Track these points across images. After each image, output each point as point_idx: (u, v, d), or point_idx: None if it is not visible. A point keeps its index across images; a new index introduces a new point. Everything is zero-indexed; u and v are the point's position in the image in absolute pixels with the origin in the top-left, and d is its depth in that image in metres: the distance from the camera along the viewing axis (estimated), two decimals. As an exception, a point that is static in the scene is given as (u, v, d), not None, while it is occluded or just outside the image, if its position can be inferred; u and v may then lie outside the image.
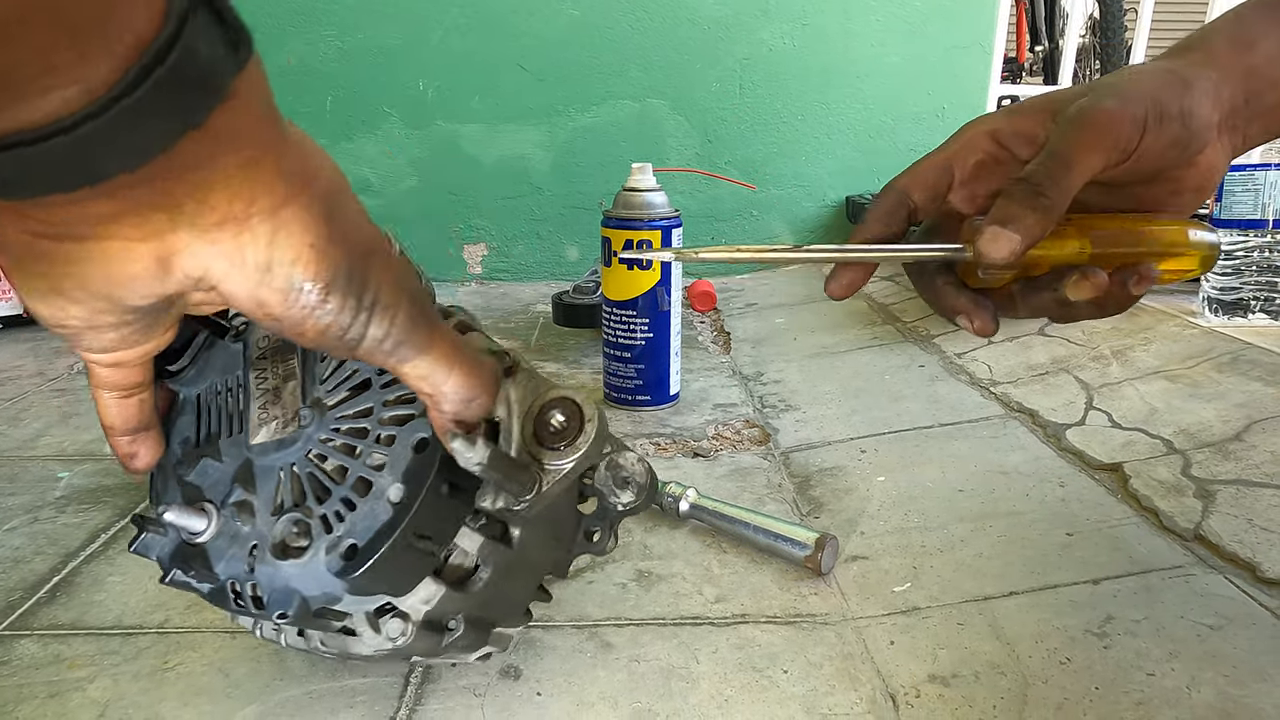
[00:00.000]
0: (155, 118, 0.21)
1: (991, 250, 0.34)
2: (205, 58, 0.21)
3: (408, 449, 0.35)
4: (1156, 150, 0.36)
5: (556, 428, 0.38)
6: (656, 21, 1.50)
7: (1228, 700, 0.42)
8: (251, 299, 0.26)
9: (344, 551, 0.34)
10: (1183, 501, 0.60)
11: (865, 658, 0.46)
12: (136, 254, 0.24)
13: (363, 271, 0.27)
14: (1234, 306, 0.87)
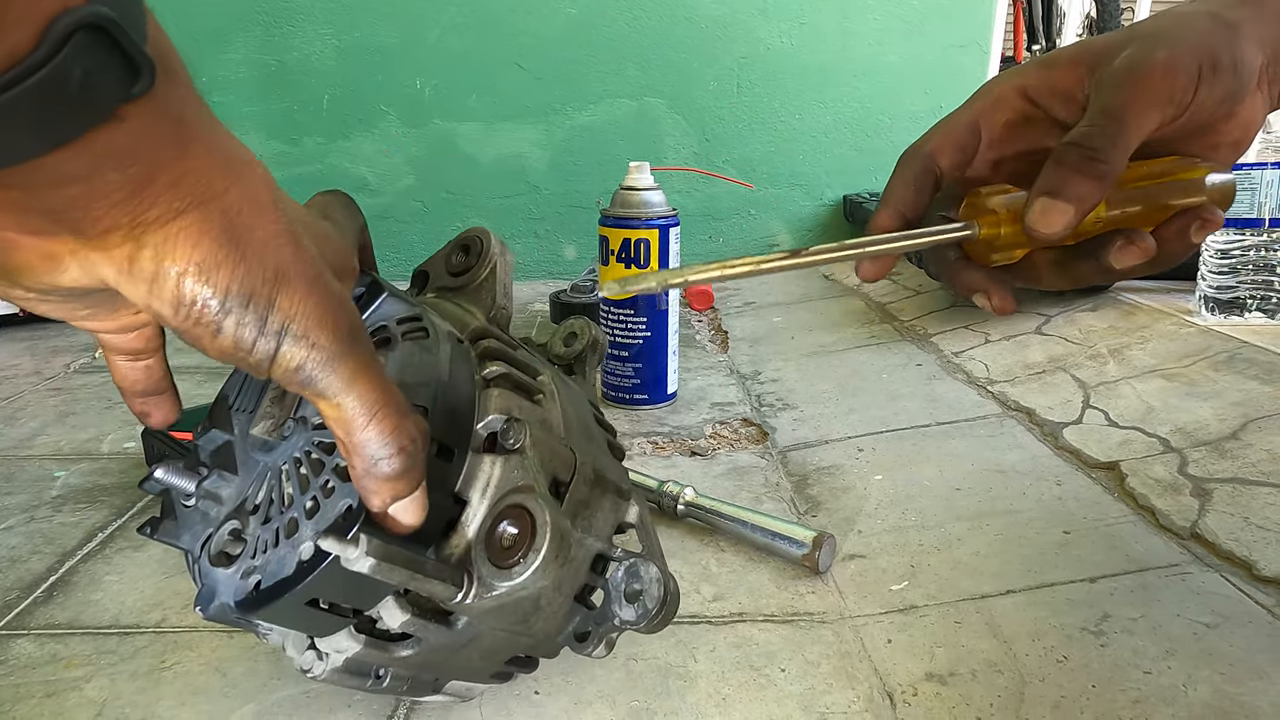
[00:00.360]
0: (15, 131, 0.21)
1: (1043, 224, 0.32)
2: (79, 82, 0.21)
3: (333, 511, 0.32)
4: (1210, 105, 0.33)
5: (505, 543, 0.34)
6: (654, 20, 1.50)
7: (1224, 698, 0.42)
8: (145, 305, 0.25)
9: (251, 586, 0.33)
10: (1179, 500, 0.60)
11: (863, 656, 0.46)
12: (20, 246, 0.24)
13: (269, 295, 0.26)
14: (1230, 305, 0.87)
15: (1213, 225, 0.35)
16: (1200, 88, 0.32)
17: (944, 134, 0.37)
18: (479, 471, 0.33)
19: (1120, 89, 0.32)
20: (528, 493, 0.34)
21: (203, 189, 0.25)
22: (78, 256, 0.25)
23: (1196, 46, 0.32)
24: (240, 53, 1.49)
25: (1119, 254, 0.34)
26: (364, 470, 0.29)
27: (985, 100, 0.37)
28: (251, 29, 1.48)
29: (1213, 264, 0.88)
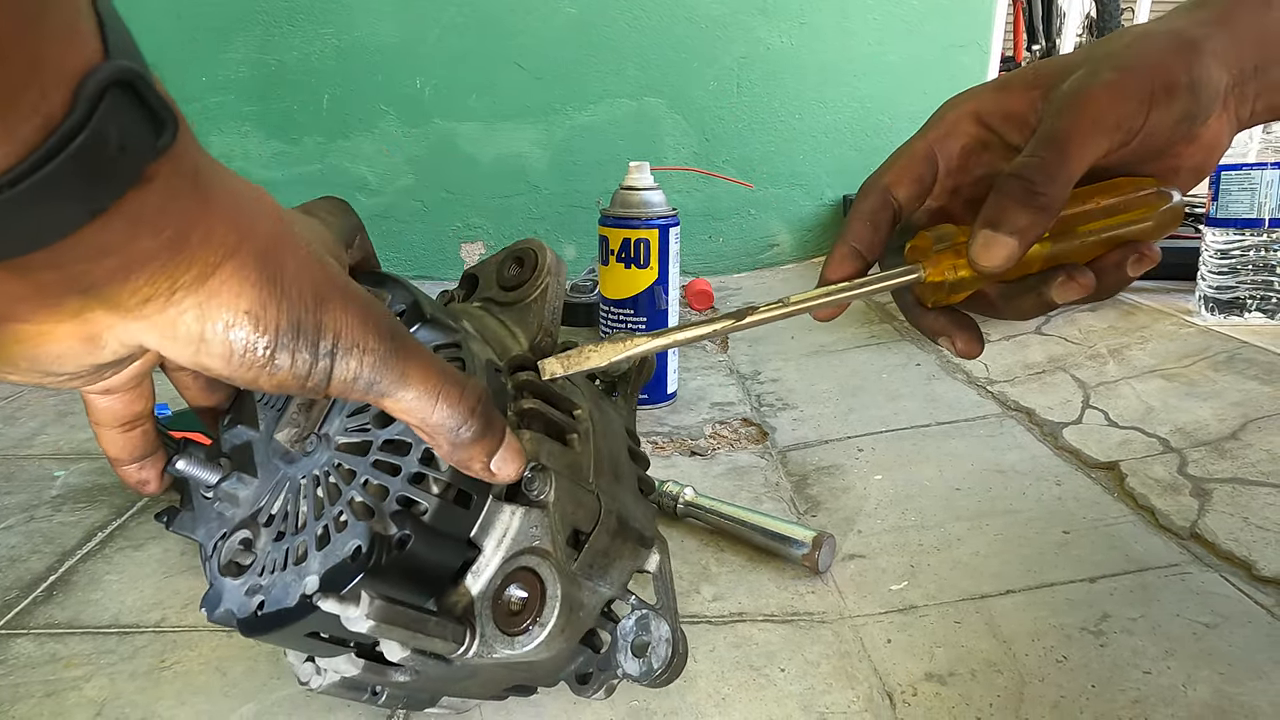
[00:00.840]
0: (56, 202, 0.20)
1: (984, 258, 0.31)
2: (116, 144, 0.20)
3: (342, 548, 0.31)
4: (1164, 128, 0.32)
5: (513, 608, 0.33)
6: (654, 20, 1.50)
7: (1223, 698, 0.42)
8: (193, 364, 0.25)
9: (254, 606, 0.33)
10: (1179, 500, 0.60)
11: (862, 656, 0.46)
12: (57, 336, 0.23)
13: (315, 319, 0.26)
14: (1230, 305, 0.87)
15: (1149, 261, 0.34)
16: (1152, 112, 0.31)
17: (901, 166, 0.36)
18: (497, 520, 0.33)
19: (1063, 115, 0.31)
20: (543, 558, 0.33)
21: (233, 236, 0.24)
22: (116, 331, 0.24)
23: (1151, 67, 0.31)
24: (240, 52, 1.49)
25: (1060, 289, 0.33)
26: (450, 447, 0.30)
27: (940, 128, 0.36)
28: (251, 29, 1.48)
29: (1213, 264, 0.88)
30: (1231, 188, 0.86)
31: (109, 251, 0.21)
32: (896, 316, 1.15)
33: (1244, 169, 0.85)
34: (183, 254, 0.23)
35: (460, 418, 0.29)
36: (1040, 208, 0.31)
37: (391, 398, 0.28)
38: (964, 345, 0.36)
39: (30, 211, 0.19)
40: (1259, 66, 0.33)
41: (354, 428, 0.34)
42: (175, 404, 0.72)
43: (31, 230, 0.20)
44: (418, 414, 0.29)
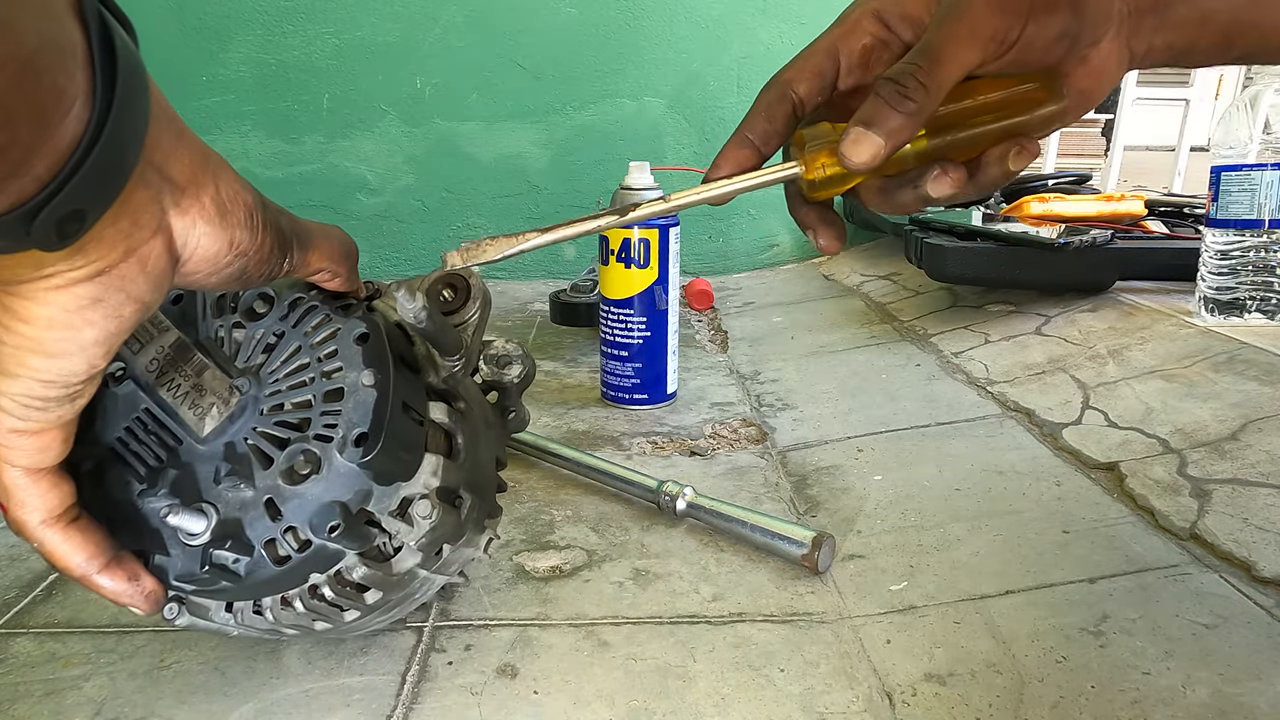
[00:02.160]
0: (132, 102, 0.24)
1: (853, 153, 0.32)
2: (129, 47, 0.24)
3: (352, 346, 0.38)
4: (1041, 43, 0.32)
5: (448, 299, 0.45)
6: (654, 20, 1.50)
7: (1223, 699, 0.42)
8: (227, 243, 0.30)
9: (354, 440, 0.37)
10: (1179, 500, 0.60)
11: (862, 656, 0.46)
12: (160, 250, 0.28)
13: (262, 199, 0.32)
14: (1230, 306, 0.87)
15: (1029, 155, 0.34)
16: (1029, 25, 0.32)
17: (802, 62, 0.37)
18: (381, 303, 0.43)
19: (942, 25, 0.32)
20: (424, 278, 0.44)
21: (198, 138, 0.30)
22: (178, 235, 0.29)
23: None
24: (241, 52, 1.49)
25: (934, 183, 0.34)
26: (349, 268, 0.39)
27: (843, 26, 0.37)
28: (252, 28, 1.48)
29: (1212, 265, 0.88)
30: (1231, 188, 0.86)
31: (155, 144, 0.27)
32: (896, 317, 1.15)
33: (1244, 170, 0.85)
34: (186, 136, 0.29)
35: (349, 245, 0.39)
36: (910, 112, 0.32)
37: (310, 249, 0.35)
38: (825, 241, 0.38)
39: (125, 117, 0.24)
40: (1158, 2, 0.33)
41: (250, 350, 0.40)
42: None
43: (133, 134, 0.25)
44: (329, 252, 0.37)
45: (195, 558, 0.37)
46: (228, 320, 0.40)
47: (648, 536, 0.60)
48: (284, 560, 0.37)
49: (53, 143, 0.23)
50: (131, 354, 0.39)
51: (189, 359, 0.39)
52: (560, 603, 0.52)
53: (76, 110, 0.23)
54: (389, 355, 0.39)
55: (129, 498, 0.38)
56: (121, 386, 0.39)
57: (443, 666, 0.46)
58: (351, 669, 0.46)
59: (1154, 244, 1.04)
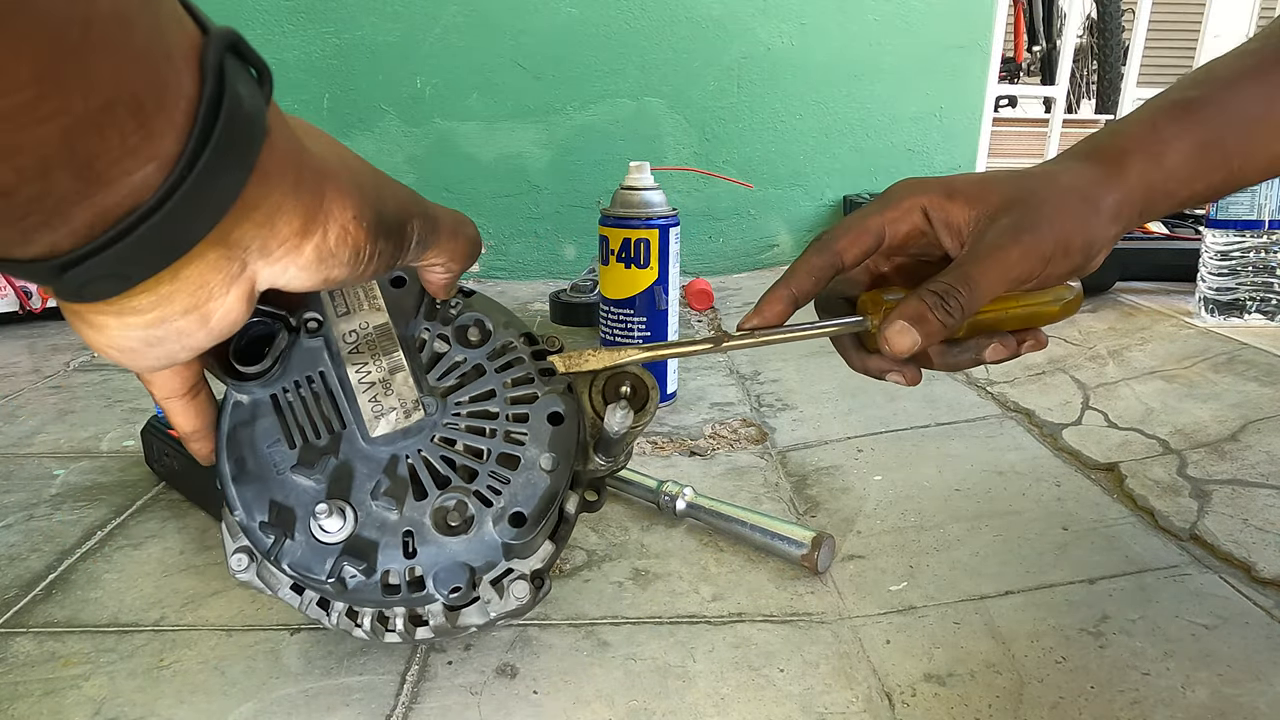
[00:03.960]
0: (225, 171, 0.21)
1: (896, 342, 0.38)
2: (247, 100, 0.22)
3: (544, 422, 0.39)
4: (1055, 278, 0.39)
5: (625, 396, 0.43)
6: (654, 20, 1.50)
7: (1222, 699, 0.42)
8: (319, 282, 0.28)
9: (511, 518, 0.37)
10: (1178, 501, 0.60)
11: (861, 656, 0.46)
12: (231, 305, 0.26)
13: (387, 208, 0.29)
14: (1230, 307, 0.87)
15: (1038, 345, 0.44)
16: (1049, 266, 0.38)
17: (855, 234, 0.42)
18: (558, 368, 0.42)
19: (981, 261, 0.38)
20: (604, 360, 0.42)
21: (321, 161, 0.27)
22: (262, 278, 0.26)
23: (1057, 230, 0.38)
24: (240, 51, 1.49)
25: (993, 352, 0.42)
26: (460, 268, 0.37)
27: (894, 210, 0.42)
28: (252, 28, 1.48)
29: (1213, 266, 0.88)
30: (1231, 189, 0.86)
31: (257, 204, 0.24)
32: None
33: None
34: (304, 188, 0.25)
35: (472, 246, 0.37)
36: (947, 324, 0.38)
37: (432, 248, 0.34)
38: (911, 376, 0.43)
39: (206, 189, 0.21)
40: (1143, 211, 0.40)
41: (444, 372, 0.40)
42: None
43: (213, 203, 0.22)
44: (448, 253, 0.35)
45: (322, 557, 0.37)
46: (436, 329, 0.40)
47: (647, 536, 0.60)
48: (393, 590, 0.38)
49: (101, 201, 0.20)
50: (335, 315, 0.39)
51: (389, 351, 0.39)
52: (560, 602, 0.52)
53: (146, 173, 0.20)
54: (573, 448, 0.39)
55: (276, 459, 0.38)
56: (311, 340, 0.39)
57: (442, 666, 0.46)
58: (351, 668, 0.46)
59: (1154, 244, 1.04)
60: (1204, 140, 0.40)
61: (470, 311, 0.41)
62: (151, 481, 0.69)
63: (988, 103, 1.60)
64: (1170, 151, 0.40)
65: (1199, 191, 0.41)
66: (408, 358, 0.39)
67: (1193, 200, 0.41)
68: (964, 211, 0.40)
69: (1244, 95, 0.40)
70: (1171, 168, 0.40)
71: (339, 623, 0.40)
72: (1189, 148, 0.39)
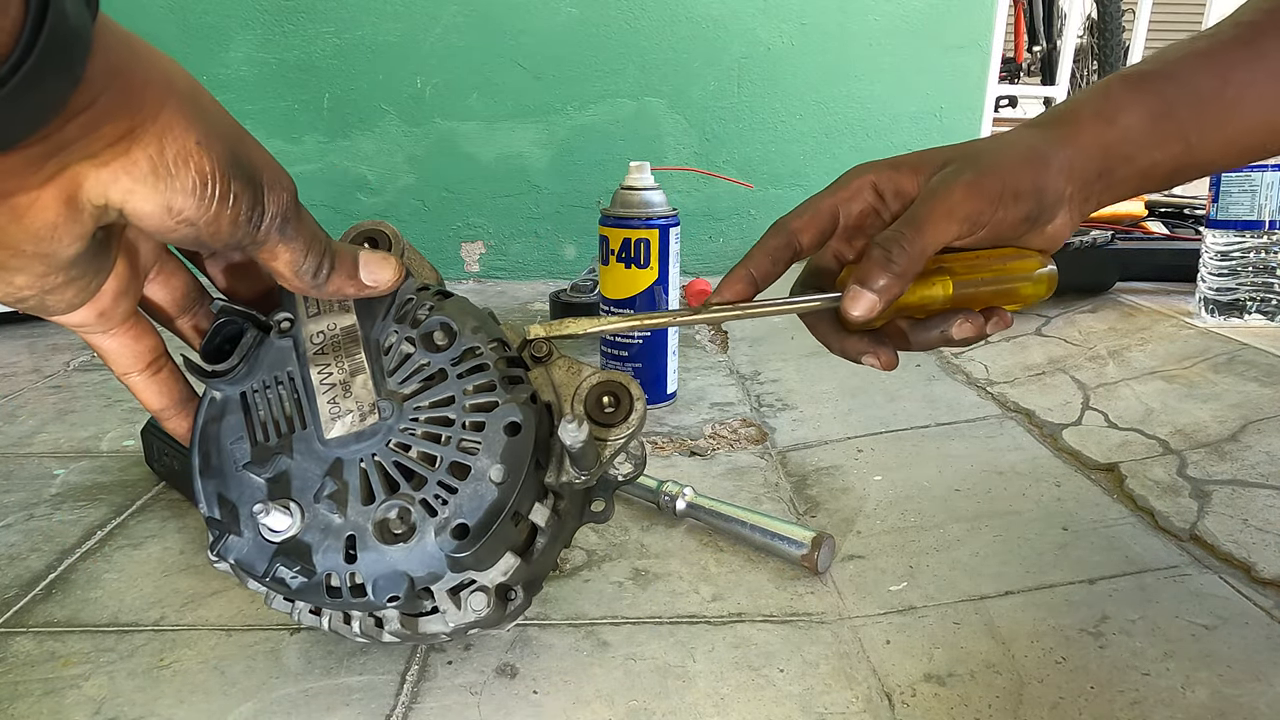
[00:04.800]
0: (49, 80, 0.22)
1: (852, 307, 0.38)
2: (72, 15, 0.23)
3: (499, 432, 0.38)
4: (1009, 223, 0.39)
5: (608, 406, 0.42)
6: (654, 20, 1.50)
7: (1222, 700, 0.42)
8: (163, 208, 0.27)
9: (454, 530, 0.37)
10: (1178, 501, 0.60)
11: (861, 656, 0.46)
12: (44, 201, 0.26)
13: (245, 154, 0.29)
14: (1230, 307, 0.87)
15: (1003, 324, 0.43)
16: (999, 210, 0.38)
17: (809, 216, 0.42)
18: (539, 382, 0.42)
19: (925, 202, 0.38)
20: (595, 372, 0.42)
21: (164, 80, 0.27)
22: (89, 186, 0.26)
23: (1004, 175, 0.38)
24: (241, 51, 1.49)
25: (959, 329, 0.41)
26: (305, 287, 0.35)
27: (846, 190, 0.42)
28: (252, 27, 1.48)
29: (1213, 266, 0.88)
30: (1232, 190, 0.86)
31: (80, 109, 0.24)
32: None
33: (1244, 171, 0.85)
34: (135, 97, 0.26)
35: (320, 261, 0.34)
36: (896, 273, 0.37)
37: (289, 241, 0.32)
38: (886, 358, 0.42)
39: (28, 97, 0.22)
40: (1101, 173, 0.40)
41: (405, 376, 0.39)
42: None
43: (36, 109, 0.23)
44: (296, 259, 0.33)
45: (264, 556, 0.38)
46: (404, 332, 0.40)
47: (647, 536, 0.60)
48: (335, 593, 0.38)
49: None
50: (306, 315, 0.39)
51: (353, 353, 0.39)
52: (559, 602, 0.52)
53: None
54: (527, 459, 0.38)
55: (236, 455, 0.38)
56: (281, 340, 0.39)
57: (442, 666, 0.46)
58: (351, 668, 0.46)
59: (1154, 245, 1.04)
60: (1156, 110, 0.39)
61: (440, 315, 0.40)
62: (151, 481, 0.69)
63: (988, 103, 1.60)
64: (1123, 115, 0.39)
65: (1159, 163, 0.40)
66: (369, 360, 0.39)
67: (1156, 173, 0.40)
68: (912, 179, 0.41)
69: (1196, 72, 0.40)
70: (1125, 130, 0.39)
71: (302, 619, 0.40)
72: (1143, 113, 0.39)
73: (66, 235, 0.27)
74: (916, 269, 0.38)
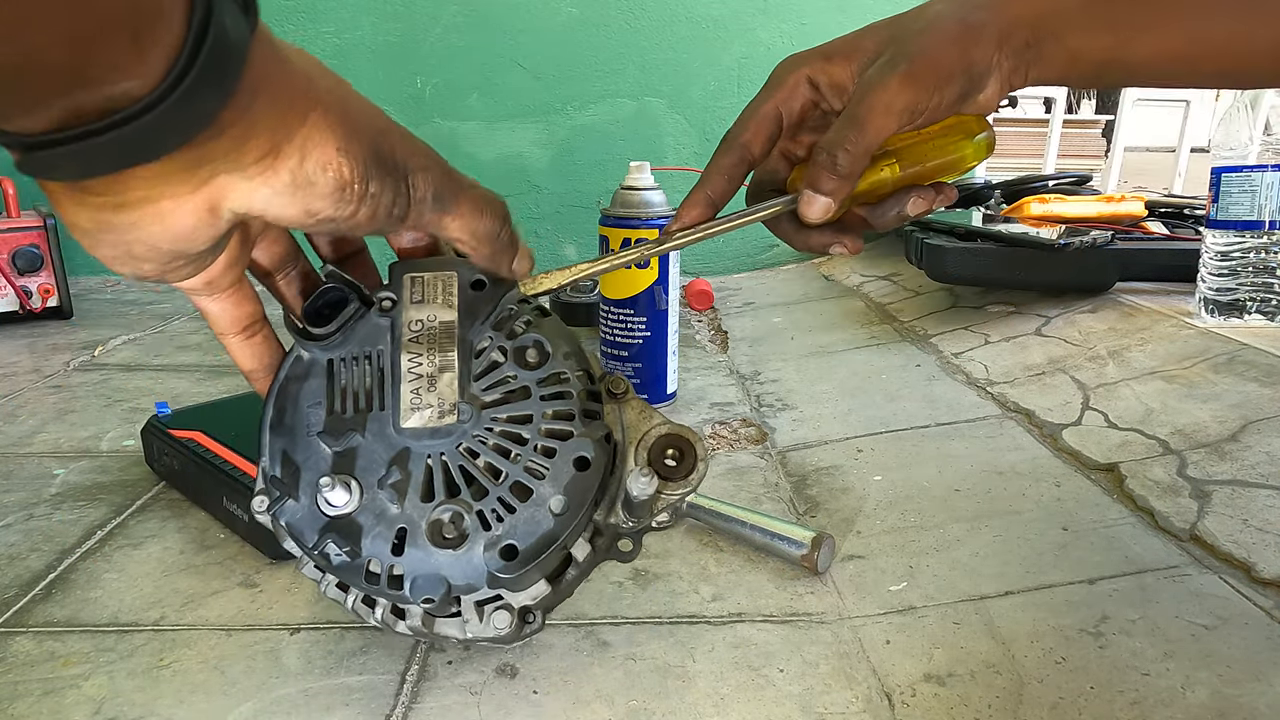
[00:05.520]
0: (204, 94, 0.23)
1: (808, 212, 0.40)
2: (232, 32, 0.23)
3: (569, 464, 0.38)
4: (944, 106, 0.39)
5: (670, 460, 0.42)
6: (654, 20, 1.50)
7: (1222, 700, 0.42)
8: (302, 213, 0.28)
9: (503, 550, 0.37)
10: (1178, 502, 0.60)
11: (861, 657, 0.46)
12: (187, 208, 0.26)
13: (387, 149, 0.30)
14: (1230, 307, 0.87)
15: (949, 198, 0.44)
16: (934, 95, 0.38)
17: (754, 124, 0.43)
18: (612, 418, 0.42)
19: (863, 100, 0.38)
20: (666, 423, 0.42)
21: (309, 88, 0.28)
22: (232, 197, 0.27)
23: (937, 59, 0.38)
24: (241, 51, 1.49)
25: (914, 205, 0.42)
26: (492, 252, 0.37)
27: (783, 90, 0.42)
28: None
29: (1213, 266, 0.88)
30: (1232, 190, 0.86)
31: (234, 122, 0.25)
32: (896, 317, 1.15)
33: (1244, 171, 0.85)
34: (283, 111, 0.26)
35: (499, 223, 0.36)
36: (842, 175, 0.39)
37: (451, 214, 0.33)
38: (852, 244, 0.43)
39: (183, 111, 0.23)
40: (1029, 43, 0.39)
41: (492, 384, 0.40)
42: (175, 404, 0.72)
43: (187, 124, 0.24)
44: (470, 226, 0.35)
45: (315, 527, 0.38)
46: (498, 340, 0.40)
47: (647, 536, 0.60)
48: (373, 579, 0.38)
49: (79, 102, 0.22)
50: (409, 300, 0.39)
51: (446, 349, 0.39)
52: (560, 602, 0.52)
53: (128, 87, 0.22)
54: (590, 499, 0.38)
55: (310, 419, 0.39)
56: (380, 318, 0.39)
57: (442, 666, 0.46)
58: (351, 668, 0.46)
59: (1154, 245, 1.04)
60: None
61: (536, 333, 0.40)
62: (151, 481, 0.69)
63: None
64: None
65: (1087, 49, 0.39)
66: (460, 360, 0.39)
67: (1083, 59, 0.40)
68: (845, 68, 0.41)
69: None
70: (1056, 5, 0.39)
71: (328, 591, 0.41)
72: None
73: (202, 237, 0.28)
74: (862, 167, 0.39)
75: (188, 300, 0.36)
